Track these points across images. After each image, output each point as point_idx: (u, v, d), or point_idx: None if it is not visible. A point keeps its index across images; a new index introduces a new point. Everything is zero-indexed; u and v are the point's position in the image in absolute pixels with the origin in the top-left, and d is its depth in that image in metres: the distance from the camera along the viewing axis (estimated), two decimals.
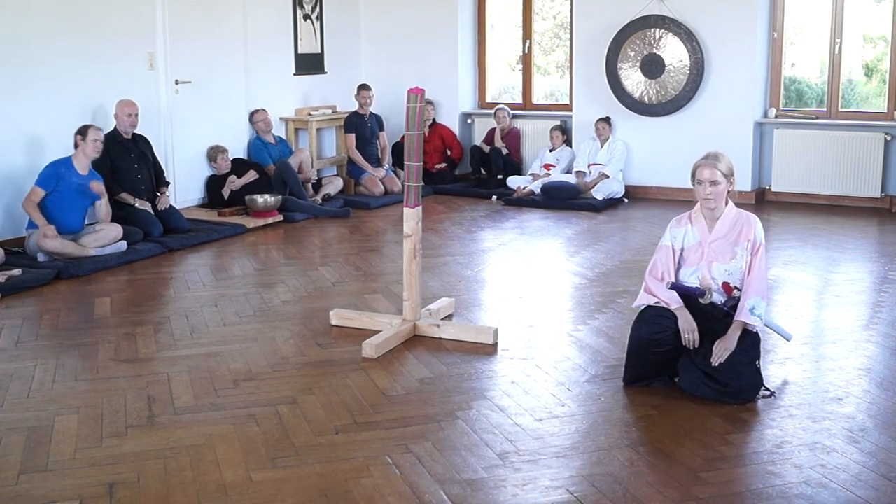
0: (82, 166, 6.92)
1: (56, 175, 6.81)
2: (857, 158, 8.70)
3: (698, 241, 4.23)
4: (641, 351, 4.18)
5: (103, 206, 7.01)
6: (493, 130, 10.15)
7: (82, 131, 6.92)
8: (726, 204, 4.22)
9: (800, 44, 9.75)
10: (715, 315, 4.19)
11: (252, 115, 9.29)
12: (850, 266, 6.67)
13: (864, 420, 3.86)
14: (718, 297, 4.20)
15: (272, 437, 3.74)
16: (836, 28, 8.88)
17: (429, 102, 10.03)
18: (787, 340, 4.68)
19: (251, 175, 8.75)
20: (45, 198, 6.77)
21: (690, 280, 4.22)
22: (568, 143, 9.86)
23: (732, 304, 4.21)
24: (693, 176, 4.22)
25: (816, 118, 9.04)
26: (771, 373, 4.42)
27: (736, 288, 4.17)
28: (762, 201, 9.12)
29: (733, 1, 8.89)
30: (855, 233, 7.71)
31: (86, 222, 7.08)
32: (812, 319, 5.44)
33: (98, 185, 6.95)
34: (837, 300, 5.76)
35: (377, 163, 9.88)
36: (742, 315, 4.09)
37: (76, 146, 6.94)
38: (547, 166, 9.68)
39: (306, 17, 10.04)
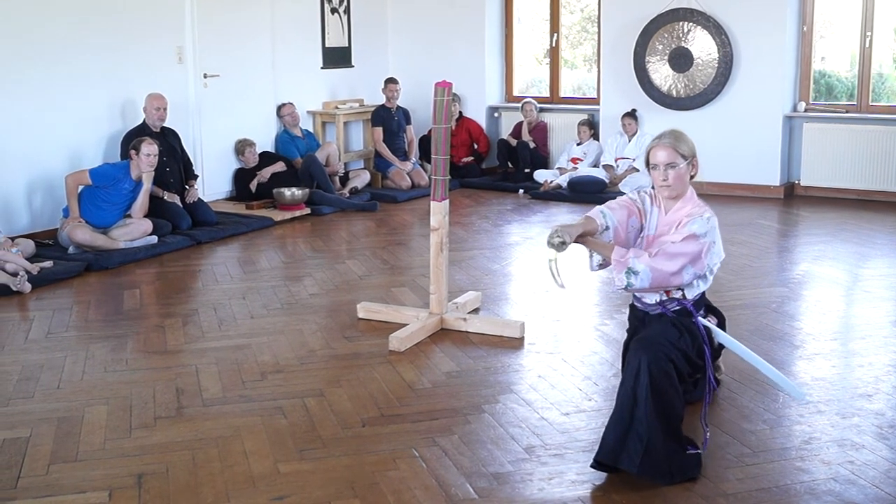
0: (136, 175, 7.03)
1: (113, 177, 6.94)
2: (888, 153, 8.60)
3: (655, 231, 3.72)
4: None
5: (140, 202, 7.07)
6: (520, 124, 10.14)
7: (136, 146, 6.99)
8: (686, 192, 3.67)
9: (829, 37, 9.65)
10: (649, 317, 3.78)
11: (279, 108, 9.34)
12: (881, 262, 6.60)
13: (894, 417, 3.83)
14: (653, 296, 3.74)
15: (299, 430, 3.76)
16: (867, 21, 8.78)
17: (454, 98, 10.02)
18: (801, 401, 3.94)
19: (279, 165, 8.80)
20: (90, 191, 6.89)
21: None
22: (595, 136, 9.82)
23: (670, 303, 3.71)
24: (647, 160, 3.70)
25: (846, 112, 8.95)
26: (800, 368, 4.40)
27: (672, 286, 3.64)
28: (791, 196, 9.03)
29: None
30: (885, 228, 7.62)
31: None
32: (841, 315, 5.40)
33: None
34: (867, 296, 5.70)
35: (404, 156, 9.89)
36: (618, 262, 3.52)
37: (130, 159, 7.02)
38: (574, 160, 9.66)
39: (334, 10, 10.05)
